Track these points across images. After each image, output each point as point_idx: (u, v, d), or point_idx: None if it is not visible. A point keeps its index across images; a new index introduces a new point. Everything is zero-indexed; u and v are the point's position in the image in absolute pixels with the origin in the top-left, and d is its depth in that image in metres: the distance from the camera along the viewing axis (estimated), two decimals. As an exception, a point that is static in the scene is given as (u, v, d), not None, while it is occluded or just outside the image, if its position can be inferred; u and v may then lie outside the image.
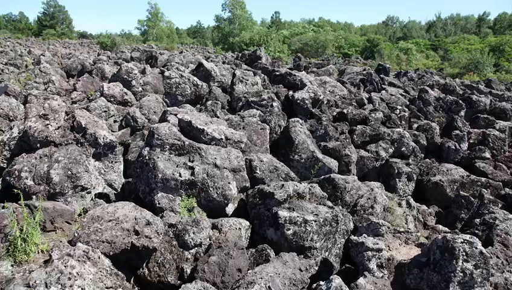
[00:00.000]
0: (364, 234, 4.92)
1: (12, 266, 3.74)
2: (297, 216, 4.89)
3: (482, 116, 11.51)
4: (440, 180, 7.96)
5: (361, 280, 3.90)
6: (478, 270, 3.74)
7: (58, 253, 3.65)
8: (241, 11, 59.11)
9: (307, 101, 9.59)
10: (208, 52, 38.89)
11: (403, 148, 8.84)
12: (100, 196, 6.19)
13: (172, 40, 61.99)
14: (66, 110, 7.06)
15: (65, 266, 3.47)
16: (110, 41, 33.30)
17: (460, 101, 12.37)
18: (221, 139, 6.25)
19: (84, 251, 3.75)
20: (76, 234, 4.18)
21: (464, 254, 3.79)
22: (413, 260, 4.24)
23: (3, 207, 4.48)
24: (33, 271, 3.45)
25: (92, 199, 5.96)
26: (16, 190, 4.92)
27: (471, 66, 24.49)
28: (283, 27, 65.97)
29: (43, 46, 35.02)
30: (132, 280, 4.29)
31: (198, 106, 9.94)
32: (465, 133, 10.24)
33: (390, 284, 4.09)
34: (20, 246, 3.90)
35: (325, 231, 4.92)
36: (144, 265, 4.35)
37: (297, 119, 8.41)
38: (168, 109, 7.18)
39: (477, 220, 5.74)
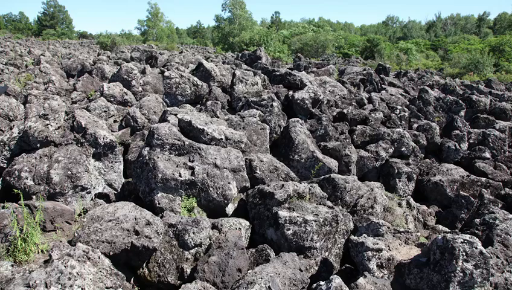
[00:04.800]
0: (364, 234, 4.91)
1: (12, 266, 3.74)
2: (297, 216, 4.89)
3: (482, 116, 11.51)
4: (440, 180, 7.96)
5: (361, 280, 3.90)
6: (478, 270, 3.74)
7: (58, 253, 3.65)
8: (241, 11, 59.04)
9: (307, 101, 9.59)
10: (208, 52, 38.88)
11: (403, 148, 8.84)
12: (100, 196, 6.19)
13: (173, 40, 61.93)
14: (66, 110, 7.06)
15: (65, 266, 3.47)
16: (110, 41, 33.25)
17: (460, 101, 12.36)
18: (221, 139, 6.25)
19: (84, 251, 3.75)
20: (76, 234, 4.18)
21: (464, 254, 3.79)
22: (413, 260, 4.24)
23: (3, 207, 4.48)
24: (33, 271, 3.45)
25: (92, 199, 5.96)
26: (16, 190, 4.93)
27: (471, 66, 24.45)
28: (283, 27, 65.95)
29: (43, 46, 35.02)
30: (132, 280, 4.29)
31: (198, 106, 9.93)
32: (465, 133, 10.24)
33: (390, 284, 4.09)
34: (20, 246, 3.90)
35: (325, 231, 4.92)
36: (144, 265, 4.35)
37: (297, 119, 8.41)
38: (168, 109, 7.19)
39: (477, 220, 5.74)
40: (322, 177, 6.67)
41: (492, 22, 70.07)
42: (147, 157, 5.69)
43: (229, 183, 5.66)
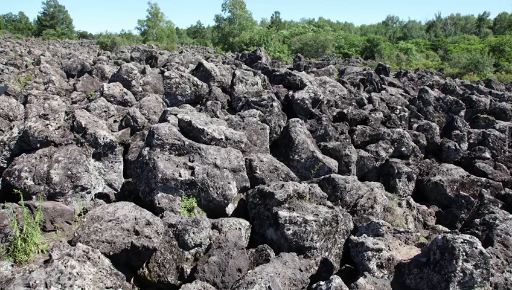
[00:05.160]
0: (364, 234, 4.91)
1: (12, 266, 3.74)
2: (298, 216, 4.89)
3: (482, 116, 11.51)
4: (440, 180, 7.96)
5: (361, 280, 3.90)
6: (478, 270, 3.74)
7: (58, 253, 3.65)
8: (241, 11, 59.04)
9: (307, 101, 9.59)
10: (208, 52, 38.87)
11: (403, 148, 8.84)
12: (100, 196, 6.19)
13: (173, 40, 61.93)
14: (66, 110, 7.06)
15: (65, 266, 3.47)
16: (110, 41, 33.24)
17: (460, 101, 12.36)
18: (221, 139, 6.24)
19: (84, 251, 3.75)
20: (76, 234, 4.18)
21: (464, 254, 3.78)
22: (413, 260, 4.24)
23: (3, 207, 4.48)
24: (33, 271, 3.45)
25: (92, 199, 5.96)
26: (16, 190, 4.93)
27: (471, 66, 24.43)
28: (283, 27, 65.96)
29: (43, 46, 35.02)
30: (132, 280, 4.29)
31: (198, 106, 9.93)
32: (465, 133, 10.24)
33: (390, 284, 4.09)
34: (20, 246, 3.90)
35: (325, 231, 4.92)
36: (144, 265, 4.35)
37: (297, 119, 8.41)
38: (168, 109, 7.19)
39: (477, 220, 5.74)
40: (322, 177, 6.67)
41: (492, 22, 70.10)
42: (147, 158, 5.69)
43: (229, 183, 5.66)
